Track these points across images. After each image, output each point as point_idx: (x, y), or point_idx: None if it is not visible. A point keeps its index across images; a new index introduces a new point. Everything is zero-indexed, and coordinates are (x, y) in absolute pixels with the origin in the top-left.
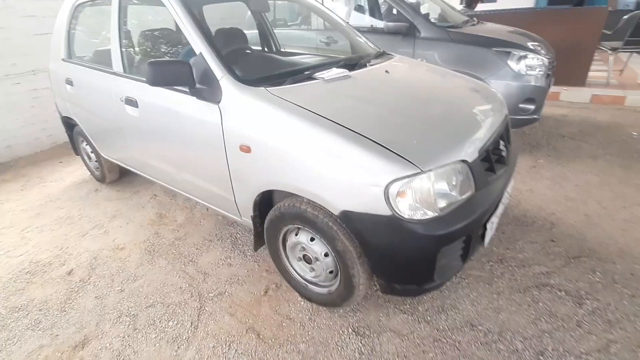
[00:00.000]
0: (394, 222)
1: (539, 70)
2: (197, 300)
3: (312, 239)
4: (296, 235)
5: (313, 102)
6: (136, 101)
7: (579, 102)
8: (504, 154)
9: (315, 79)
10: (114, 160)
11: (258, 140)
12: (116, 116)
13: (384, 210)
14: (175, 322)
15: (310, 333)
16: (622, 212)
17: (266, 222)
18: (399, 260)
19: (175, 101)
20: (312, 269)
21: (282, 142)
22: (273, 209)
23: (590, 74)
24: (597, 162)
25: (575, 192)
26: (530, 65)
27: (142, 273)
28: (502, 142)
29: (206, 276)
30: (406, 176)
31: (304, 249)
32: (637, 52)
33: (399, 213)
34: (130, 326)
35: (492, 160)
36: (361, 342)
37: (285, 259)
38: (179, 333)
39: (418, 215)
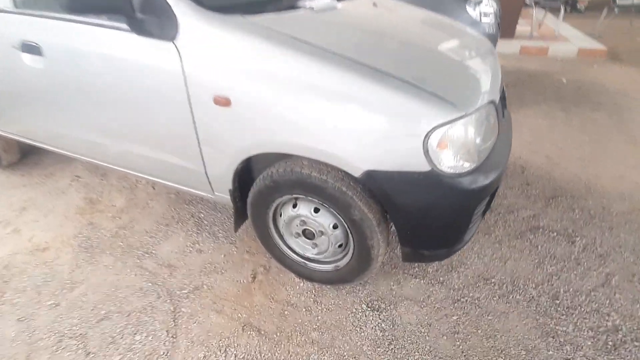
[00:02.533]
0: (432, 179)
1: (492, 18)
2: (168, 300)
3: (316, 210)
4: (294, 207)
5: (312, 34)
6: (39, 47)
7: (509, 53)
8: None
9: (301, 7)
10: (9, 135)
11: (241, 89)
12: (7, 70)
13: (421, 166)
14: (145, 335)
15: (319, 317)
16: (575, 151)
17: (250, 195)
18: (433, 222)
19: (105, 41)
20: (315, 245)
21: (278, 89)
22: (261, 177)
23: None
24: (540, 107)
25: (531, 136)
26: (485, 12)
27: (80, 278)
28: None
29: (172, 269)
30: (449, 121)
31: (304, 222)
32: (551, 7)
33: (439, 167)
34: (80, 351)
35: (505, 102)
36: (379, 317)
37: (277, 238)
38: (153, 348)
39: (458, 168)
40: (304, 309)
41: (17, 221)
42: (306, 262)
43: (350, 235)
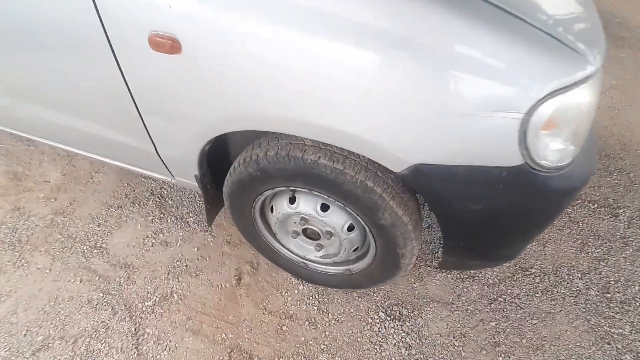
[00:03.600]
0: (520, 177)
1: None
2: (127, 318)
3: (324, 207)
4: (292, 202)
5: None
6: None
7: None
8: None
9: None
10: None
11: (197, 22)
12: None
13: (507, 158)
14: None
15: (327, 333)
16: (603, 98)
17: (227, 185)
18: (502, 232)
19: None
20: (320, 247)
21: (265, 21)
22: (240, 161)
23: None
24: None
25: None
26: None
27: (6, 288)
28: None
29: (130, 271)
30: (573, 84)
31: (306, 220)
32: None
33: (536, 160)
34: None
35: None
36: (402, 329)
37: (267, 235)
38: None
39: (560, 159)
40: (306, 322)
41: None
42: (307, 262)
43: (372, 240)
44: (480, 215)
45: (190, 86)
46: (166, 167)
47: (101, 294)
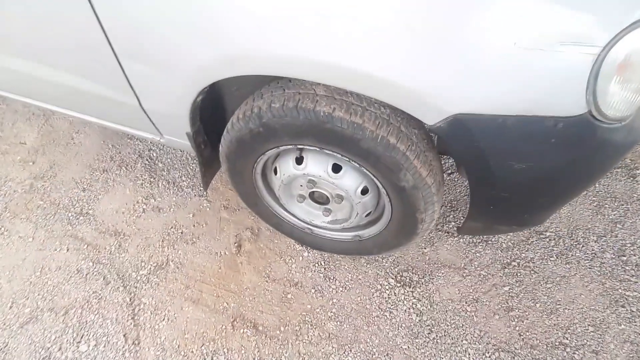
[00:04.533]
0: (579, 128)
1: None
2: (121, 287)
3: (336, 168)
4: (298, 162)
5: None
6: None
7: None
8: None
9: None
10: None
11: None
12: None
13: (569, 106)
14: (94, 343)
15: (335, 300)
16: None
17: (224, 145)
18: (542, 193)
19: None
20: (328, 212)
21: None
22: (239, 116)
23: None
24: None
25: None
26: None
27: None
28: None
29: (121, 239)
30: None
31: (314, 183)
32: None
33: (602, 108)
34: None
35: None
36: (413, 296)
37: (269, 199)
38: None
39: (627, 109)
40: (312, 290)
41: None
42: (313, 228)
43: (388, 203)
44: (523, 176)
45: (177, 20)
46: (153, 123)
47: (91, 263)
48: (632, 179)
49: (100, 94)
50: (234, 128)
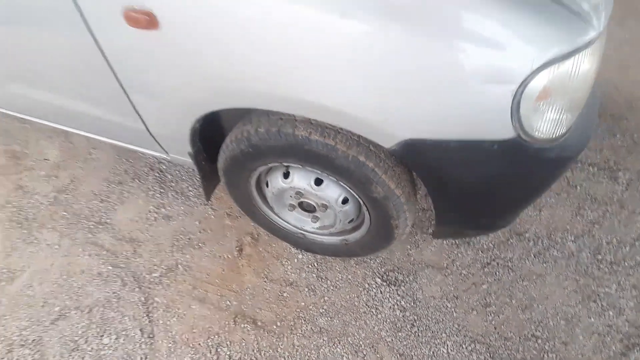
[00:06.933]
0: (511, 150)
1: None
2: (137, 288)
3: (318, 182)
4: (285, 177)
5: None
6: None
7: None
8: None
9: None
10: None
11: None
12: None
13: (498, 132)
14: (115, 336)
15: (326, 298)
16: (614, 53)
17: (221, 161)
18: (493, 203)
19: None
20: (316, 219)
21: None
22: (232, 138)
23: None
24: None
25: None
26: None
27: (19, 264)
28: None
29: (136, 245)
30: (574, 50)
31: (300, 194)
32: None
33: (529, 132)
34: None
35: None
36: (398, 293)
37: (265, 208)
38: (127, 353)
39: (555, 129)
40: (306, 289)
41: None
42: (305, 233)
43: (366, 212)
44: (473, 188)
45: (171, 63)
46: (159, 145)
47: (110, 267)
48: (613, 180)
49: (113, 119)
50: (228, 148)
